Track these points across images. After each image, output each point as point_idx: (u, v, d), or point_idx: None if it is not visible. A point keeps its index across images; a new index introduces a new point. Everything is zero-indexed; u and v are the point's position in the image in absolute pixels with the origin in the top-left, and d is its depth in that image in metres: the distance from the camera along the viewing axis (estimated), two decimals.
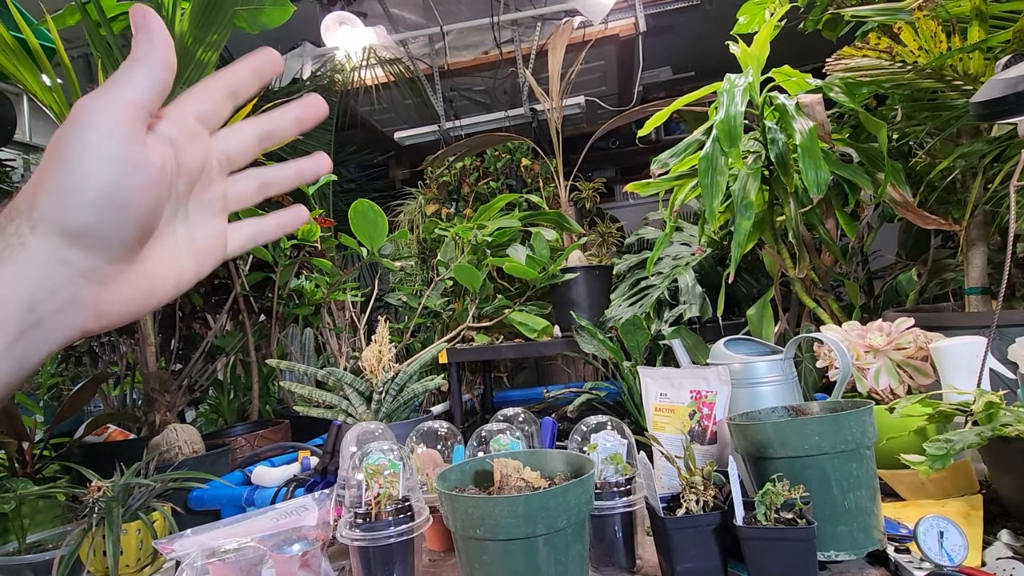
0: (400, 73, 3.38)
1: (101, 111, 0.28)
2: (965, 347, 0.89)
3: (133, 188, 0.28)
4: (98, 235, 0.28)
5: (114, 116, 0.28)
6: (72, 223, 0.27)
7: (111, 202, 0.28)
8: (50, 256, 0.27)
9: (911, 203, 1.28)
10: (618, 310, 1.83)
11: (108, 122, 0.28)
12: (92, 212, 0.28)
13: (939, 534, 0.65)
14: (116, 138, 0.28)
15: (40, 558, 1.07)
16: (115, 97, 0.28)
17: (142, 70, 0.29)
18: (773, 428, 0.72)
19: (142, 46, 0.29)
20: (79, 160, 0.27)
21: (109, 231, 0.28)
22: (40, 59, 1.44)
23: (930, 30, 1.05)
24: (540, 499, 0.59)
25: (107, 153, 0.27)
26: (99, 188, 0.27)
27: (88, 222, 0.28)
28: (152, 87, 0.29)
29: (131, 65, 0.29)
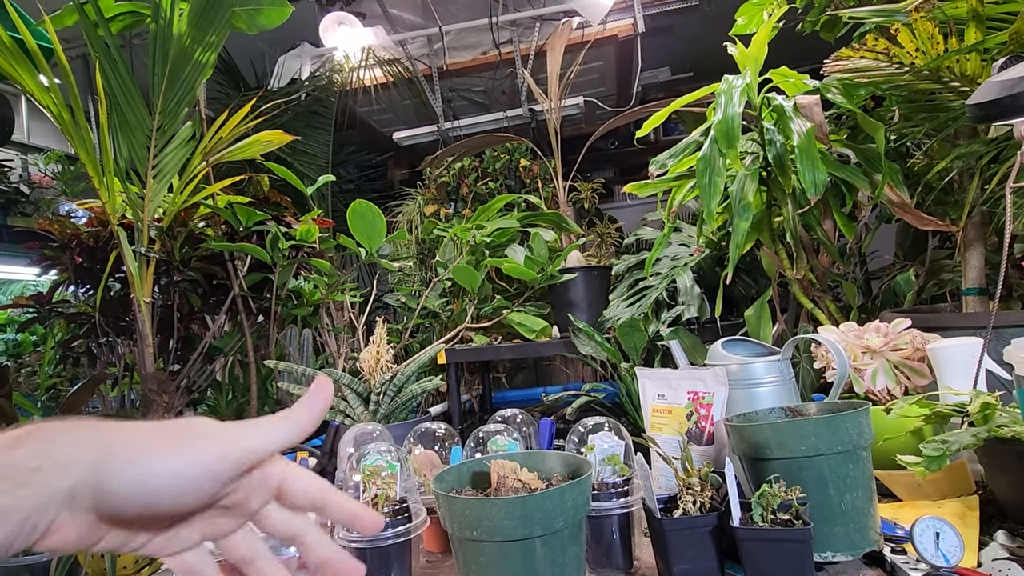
0: (399, 73, 3.38)
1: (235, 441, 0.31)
2: (962, 348, 0.89)
3: (184, 499, 0.30)
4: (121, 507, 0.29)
5: (240, 453, 0.31)
6: (117, 486, 0.29)
7: (160, 495, 0.30)
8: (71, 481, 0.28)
9: (908, 204, 1.28)
10: (616, 311, 1.83)
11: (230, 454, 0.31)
12: (142, 496, 0.29)
13: (935, 535, 0.65)
14: (219, 474, 0.30)
15: (38, 559, 1.07)
16: (252, 438, 0.32)
17: (288, 431, 0.33)
18: (770, 429, 0.72)
19: (304, 414, 0.33)
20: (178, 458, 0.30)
21: (131, 509, 0.30)
22: (38, 59, 1.44)
23: (927, 32, 1.05)
24: (537, 501, 0.59)
25: (204, 472, 0.30)
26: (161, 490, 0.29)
27: (129, 497, 0.29)
28: (283, 446, 0.33)
29: (282, 423, 0.33)
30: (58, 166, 3.07)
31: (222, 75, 3.47)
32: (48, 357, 2.26)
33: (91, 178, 1.59)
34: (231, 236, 1.92)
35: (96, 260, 1.86)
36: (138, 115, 1.58)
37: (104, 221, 1.81)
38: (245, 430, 0.32)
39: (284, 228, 1.89)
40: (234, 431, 0.32)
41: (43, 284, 2.75)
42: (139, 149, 1.62)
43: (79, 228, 1.84)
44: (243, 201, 1.84)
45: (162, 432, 0.30)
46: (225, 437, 0.31)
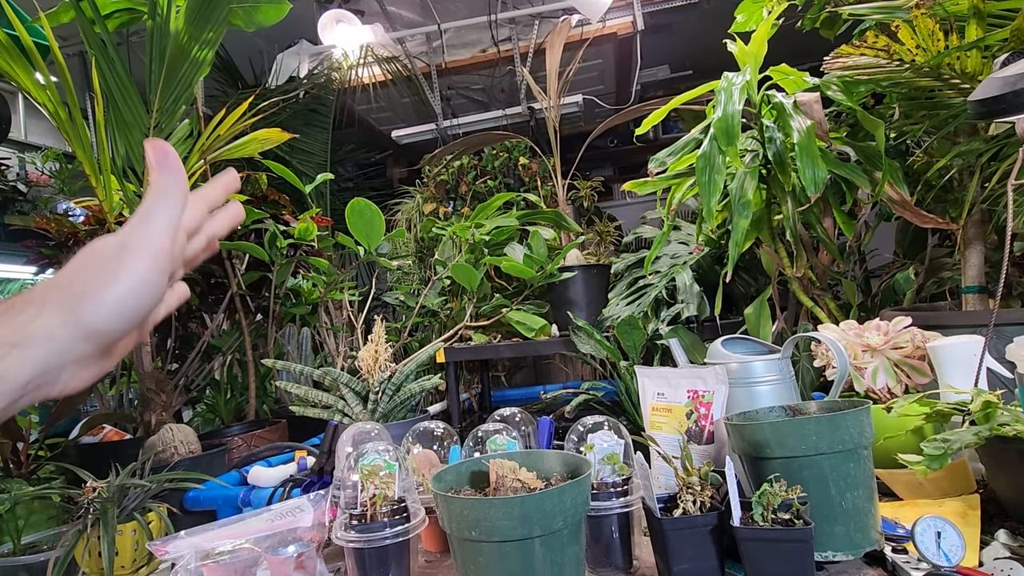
0: (397, 71, 3.37)
1: (149, 245, 0.36)
2: (962, 346, 0.89)
3: (152, 308, 0.37)
4: (112, 336, 0.36)
5: (160, 251, 0.36)
6: (99, 322, 0.35)
7: (137, 317, 0.36)
8: (69, 345, 0.34)
9: (908, 202, 1.28)
10: (616, 309, 1.83)
11: (154, 256, 0.36)
12: (120, 322, 0.35)
13: (936, 534, 0.64)
14: (159, 269, 0.36)
15: (35, 559, 1.07)
16: (155, 234, 0.36)
17: (172, 207, 0.37)
18: (770, 428, 0.71)
19: (163, 183, 0.37)
20: (126, 283, 0.35)
21: (120, 333, 0.36)
22: (34, 57, 1.43)
23: (928, 28, 1.05)
24: (536, 500, 0.59)
25: (150, 279, 0.36)
26: (136, 308, 0.36)
27: (114, 327, 0.35)
28: (175, 221, 0.37)
29: (162, 201, 0.37)
30: (55, 164, 3.06)
31: (220, 73, 3.46)
32: None
33: (88, 176, 1.58)
34: (229, 234, 1.92)
35: None
36: (135, 113, 1.57)
37: (102, 219, 1.80)
38: (145, 227, 0.36)
39: (282, 226, 1.88)
40: (142, 235, 0.36)
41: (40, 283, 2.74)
42: (136, 147, 1.62)
43: (76, 227, 1.84)
44: (241, 199, 1.84)
45: (96, 266, 0.35)
46: (143, 244, 0.36)
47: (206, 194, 0.43)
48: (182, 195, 0.37)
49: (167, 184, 0.37)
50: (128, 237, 0.36)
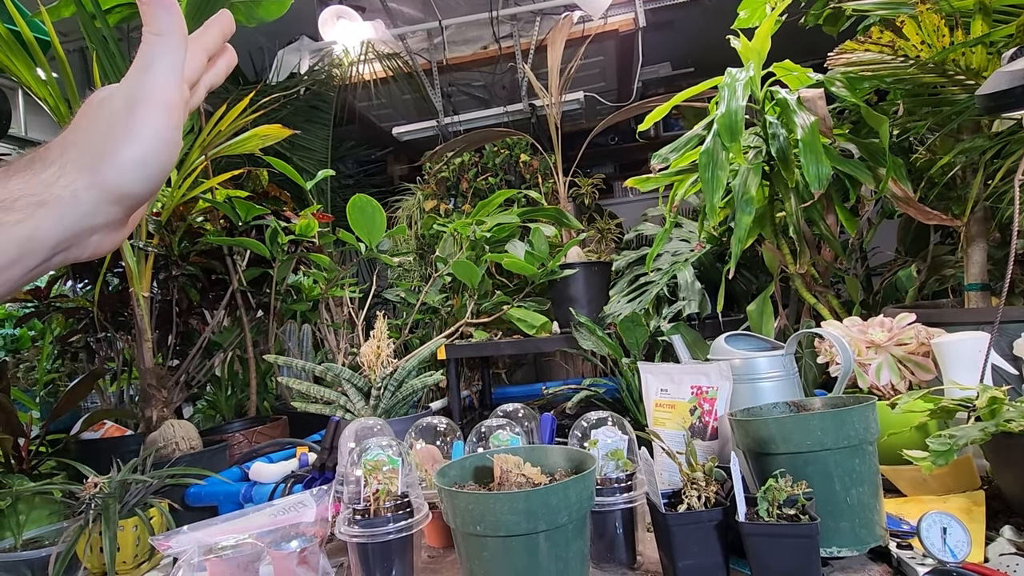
0: (398, 68, 3.36)
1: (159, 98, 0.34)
2: (968, 343, 0.89)
3: (171, 164, 0.35)
4: (140, 198, 0.35)
5: (171, 104, 0.34)
6: (128, 189, 0.34)
7: (161, 176, 0.35)
8: (96, 208, 0.33)
9: (912, 198, 1.27)
10: (617, 306, 1.83)
11: (167, 110, 0.34)
12: (146, 183, 0.34)
13: (942, 530, 0.64)
14: (174, 124, 0.34)
15: (37, 555, 1.06)
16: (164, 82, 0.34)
17: (174, 48, 0.34)
18: (775, 424, 0.71)
19: (161, 18, 0.34)
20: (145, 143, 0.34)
21: (147, 195, 0.35)
22: (35, 52, 1.42)
23: (933, 24, 1.04)
24: (541, 495, 0.58)
25: (168, 136, 0.34)
26: (158, 166, 0.34)
27: (140, 190, 0.34)
28: (182, 60, 0.35)
29: (161, 43, 0.34)
30: None
31: None
32: (46, 352, 2.25)
33: None
34: (230, 230, 1.91)
35: None
36: None
37: None
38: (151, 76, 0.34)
39: (283, 223, 1.88)
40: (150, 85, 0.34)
41: (40, 279, 2.74)
42: None
43: None
44: (242, 195, 1.83)
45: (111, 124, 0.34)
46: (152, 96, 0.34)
47: (203, 40, 0.40)
48: (181, 33, 0.34)
49: (162, 21, 0.34)
50: (135, 89, 0.34)
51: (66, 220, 0.33)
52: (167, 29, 0.34)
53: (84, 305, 1.91)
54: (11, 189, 0.31)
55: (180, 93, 0.35)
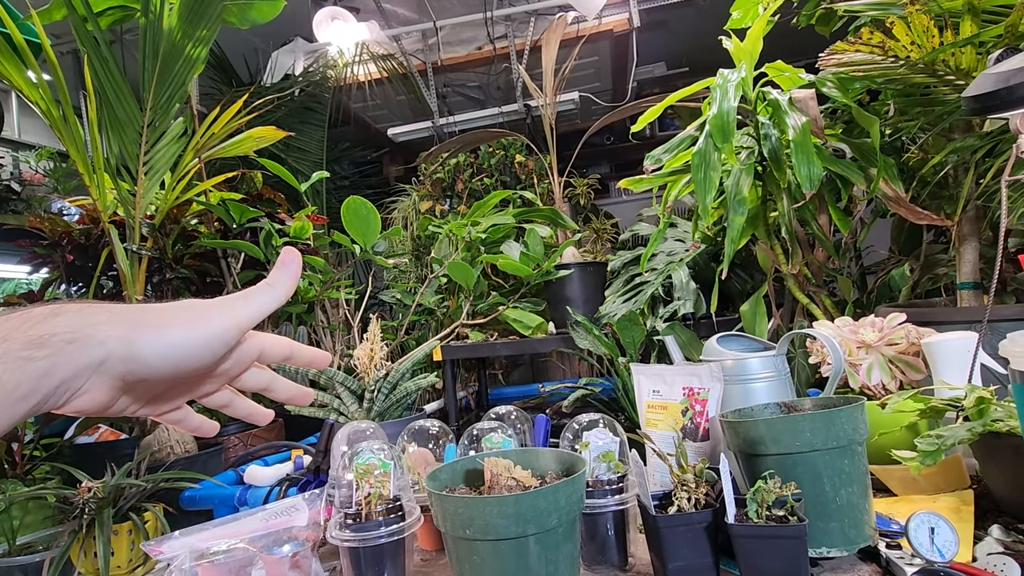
0: (393, 69, 3.36)
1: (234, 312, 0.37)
2: (957, 342, 0.89)
3: (197, 362, 0.36)
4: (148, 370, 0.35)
5: (239, 321, 0.37)
6: (147, 358, 0.34)
7: (179, 365, 0.36)
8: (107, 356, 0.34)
9: (903, 198, 1.28)
10: (613, 306, 1.83)
11: (232, 322, 0.37)
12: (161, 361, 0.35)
13: (930, 530, 0.65)
14: (224, 337, 0.37)
15: (30, 560, 1.06)
16: (247, 307, 0.38)
17: (275, 297, 0.39)
18: (765, 425, 0.71)
19: (280, 278, 0.39)
20: (198, 330, 0.36)
21: (156, 372, 0.35)
22: (25, 55, 1.42)
23: (922, 25, 1.05)
24: (530, 498, 0.59)
25: (214, 339, 0.36)
26: (187, 350, 0.35)
27: (154, 365, 0.35)
28: (270, 308, 0.39)
29: (265, 289, 0.39)
30: (49, 163, 3.04)
31: (214, 71, 3.45)
32: None
33: (82, 175, 1.57)
34: (224, 233, 1.91)
35: (88, 258, 1.84)
36: (128, 111, 1.56)
37: (95, 218, 1.80)
38: (242, 301, 0.38)
39: (278, 225, 1.88)
40: (234, 303, 0.38)
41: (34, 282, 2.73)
42: (130, 145, 1.61)
43: (70, 225, 1.83)
44: (236, 198, 1.83)
45: (177, 310, 0.36)
46: (228, 310, 0.37)
47: (296, 350, 0.44)
48: (286, 292, 0.40)
49: (280, 279, 0.40)
50: (225, 301, 0.38)
51: (81, 360, 0.33)
52: (279, 285, 0.40)
53: None
54: (55, 324, 0.32)
55: (251, 321, 0.38)
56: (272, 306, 0.39)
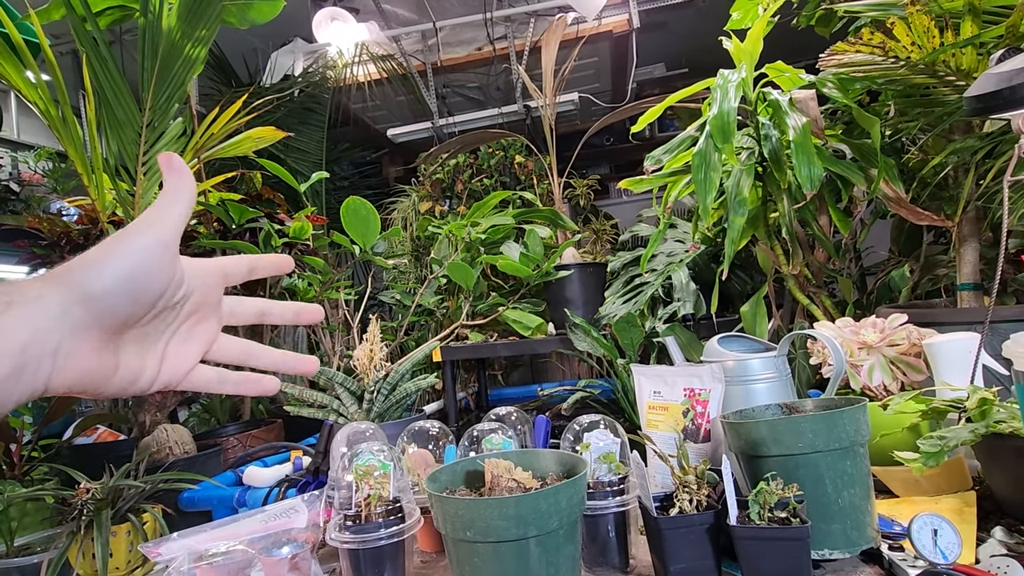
0: (393, 69, 3.35)
1: (155, 221, 0.37)
2: (958, 343, 0.89)
3: (150, 278, 0.36)
4: (107, 300, 0.35)
5: (164, 228, 0.37)
6: (94, 286, 0.34)
7: (136, 291, 0.36)
8: (58, 308, 0.33)
9: (904, 199, 1.28)
10: (612, 307, 1.83)
11: (160, 230, 0.37)
12: (114, 281, 0.35)
13: (933, 532, 0.64)
14: (161, 241, 0.37)
15: (28, 561, 1.06)
16: (166, 215, 0.38)
17: (182, 200, 0.39)
18: (766, 426, 0.71)
19: (175, 183, 0.39)
20: (127, 248, 0.36)
21: (116, 300, 0.35)
22: (24, 55, 1.42)
23: (923, 25, 1.05)
24: (531, 500, 0.58)
25: (152, 248, 0.36)
26: (129, 267, 0.35)
27: (107, 287, 0.34)
28: (185, 213, 0.39)
29: (171, 196, 0.39)
30: (48, 163, 3.03)
31: (214, 71, 3.44)
32: None
33: (80, 175, 1.57)
34: (223, 233, 1.90)
35: None
36: (127, 111, 1.56)
37: (94, 219, 1.79)
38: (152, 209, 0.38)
39: (277, 225, 1.87)
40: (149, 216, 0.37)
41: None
42: (129, 146, 1.60)
43: (69, 226, 1.82)
44: (235, 198, 1.82)
45: (100, 245, 0.36)
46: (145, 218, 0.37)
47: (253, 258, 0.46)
48: (190, 194, 0.39)
49: (172, 183, 0.39)
50: (138, 222, 0.37)
51: (33, 318, 0.32)
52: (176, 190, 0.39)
53: None
54: None
55: (176, 229, 0.38)
56: (185, 206, 0.39)
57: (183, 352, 0.41)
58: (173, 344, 0.41)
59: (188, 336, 0.41)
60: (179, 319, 0.41)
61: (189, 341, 0.41)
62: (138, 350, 0.39)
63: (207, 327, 0.42)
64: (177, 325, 0.41)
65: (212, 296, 0.42)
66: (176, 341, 0.41)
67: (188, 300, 0.40)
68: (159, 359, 0.40)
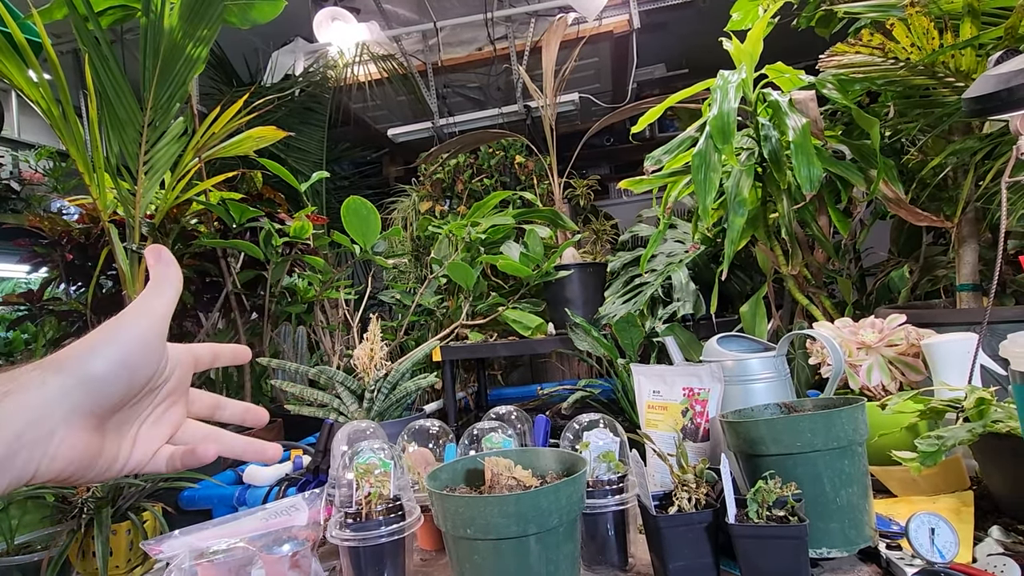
0: (393, 69, 3.36)
1: (147, 312, 0.39)
2: (957, 343, 0.89)
3: (143, 363, 0.38)
4: (105, 383, 0.36)
5: (155, 317, 0.39)
6: (95, 368, 0.35)
7: (125, 365, 0.37)
8: (58, 391, 0.34)
9: (903, 200, 1.28)
10: (612, 307, 1.83)
11: (152, 319, 0.39)
12: (112, 365, 0.36)
13: (930, 531, 0.65)
14: (154, 330, 0.39)
15: (29, 559, 1.06)
16: (156, 304, 0.40)
17: (170, 289, 0.41)
18: (765, 425, 0.71)
19: (162, 273, 0.41)
20: (121, 336, 0.37)
21: (113, 383, 0.36)
22: (26, 54, 1.42)
23: (922, 27, 1.05)
24: (531, 498, 0.58)
25: (146, 336, 0.38)
26: (124, 353, 0.37)
27: (107, 370, 0.36)
28: (173, 302, 0.41)
29: (160, 286, 0.41)
30: (49, 163, 3.04)
31: (214, 71, 3.45)
32: (39, 355, 2.24)
33: (82, 174, 1.57)
34: (224, 233, 1.91)
35: (87, 257, 1.84)
36: (129, 110, 1.56)
37: (95, 218, 1.79)
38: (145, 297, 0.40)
39: (278, 225, 1.88)
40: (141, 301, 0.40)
41: (34, 282, 2.72)
42: (130, 145, 1.61)
43: (70, 225, 1.83)
44: (236, 197, 1.83)
45: (98, 330, 0.37)
46: (140, 307, 0.39)
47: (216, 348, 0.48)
48: (177, 281, 0.42)
49: (164, 272, 0.41)
50: (128, 308, 0.39)
51: (30, 405, 0.33)
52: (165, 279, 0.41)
53: (77, 308, 1.90)
54: None
55: (167, 313, 0.40)
56: (173, 294, 0.41)
57: (153, 435, 0.42)
58: (145, 428, 0.41)
59: (159, 420, 0.42)
60: (155, 403, 0.42)
61: (159, 424, 0.42)
62: (116, 436, 0.39)
63: (177, 410, 0.44)
64: (152, 409, 0.42)
65: (183, 379, 0.43)
66: (147, 425, 0.42)
67: (167, 384, 0.42)
68: (131, 443, 0.41)
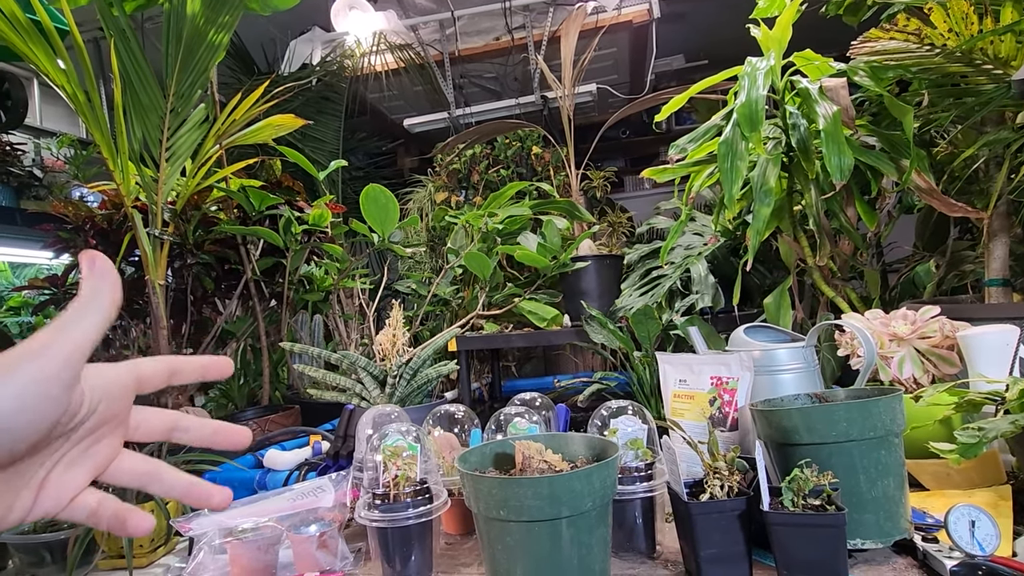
0: (410, 59, 3.35)
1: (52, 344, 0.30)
2: (995, 335, 0.87)
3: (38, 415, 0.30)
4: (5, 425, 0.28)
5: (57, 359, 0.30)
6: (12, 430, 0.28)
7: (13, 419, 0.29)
8: None
9: (936, 190, 1.25)
10: (629, 300, 1.82)
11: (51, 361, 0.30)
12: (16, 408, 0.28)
13: (970, 523, 0.63)
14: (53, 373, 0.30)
15: (55, 537, 1.08)
16: (68, 337, 0.30)
17: (95, 313, 0.32)
18: (799, 414, 0.70)
19: (94, 287, 0.32)
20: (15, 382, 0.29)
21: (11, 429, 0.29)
22: (54, 40, 1.43)
23: (961, 11, 1.02)
24: (565, 480, 0.58)
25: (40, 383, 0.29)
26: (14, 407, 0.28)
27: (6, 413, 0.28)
28: (101, 325, 0.32)
29: (84, 308, 0.32)
30: (70, 150, 3.07)
31: (233, 60, 3.46)
32: None
33: (104, 162, 1.58)
34: (244, 220, 1.92)
35: (110, 243, 1.86)
36: (152, 97, 1.57)
37: (118, 204, 1.81)
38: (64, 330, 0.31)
39: (297, 213, 1.88)
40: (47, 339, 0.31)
41: (57, 267, 2.76)
42: (153, 131, 1.62)
43: (93, 211, 1.84)
44: (256, 185, 1.83)
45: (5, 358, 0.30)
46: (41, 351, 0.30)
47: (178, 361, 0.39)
48: (109, 302, 0.33)
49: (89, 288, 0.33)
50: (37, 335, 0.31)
51: None
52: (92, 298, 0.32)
53: None
54: None
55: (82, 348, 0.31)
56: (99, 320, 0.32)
57: (66, 480, 0.34)
58: (56, 472, 0.33)
59: (75, 462, 0.34)
60: (69, 443, 0.33)
61: (76, 467, 0.34)
62: (15, 482, 0.32)
63: (106, 445, 0.35)
64: (66, 451, 0.34)
65: (118, 408, 0.35)
66: (60, 468, 0.34)
67: (87, 422, 0.33)
68: (34, 491, 0.33)
